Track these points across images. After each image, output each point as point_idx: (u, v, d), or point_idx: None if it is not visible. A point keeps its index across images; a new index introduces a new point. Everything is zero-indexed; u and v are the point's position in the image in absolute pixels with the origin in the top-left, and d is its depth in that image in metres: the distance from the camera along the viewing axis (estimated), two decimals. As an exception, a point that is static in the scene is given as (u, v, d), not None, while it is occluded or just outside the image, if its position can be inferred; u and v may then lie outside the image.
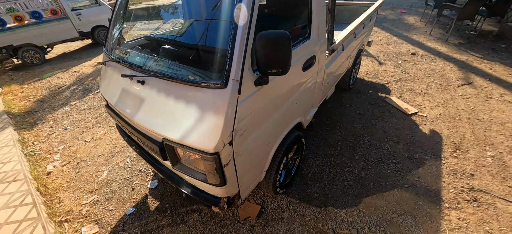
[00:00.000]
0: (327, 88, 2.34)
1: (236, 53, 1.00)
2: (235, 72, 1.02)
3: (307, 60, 1.59)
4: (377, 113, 2.99)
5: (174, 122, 1.15)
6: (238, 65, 1.01)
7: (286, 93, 1.45)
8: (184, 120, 1.11)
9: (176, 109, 1.15)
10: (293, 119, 1.70)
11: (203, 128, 1.06)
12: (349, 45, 2.52)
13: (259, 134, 1.31)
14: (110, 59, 1.58)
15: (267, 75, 1.06)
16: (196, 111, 1.09)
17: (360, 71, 4.11)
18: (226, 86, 1.02)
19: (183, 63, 1.27)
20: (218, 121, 1.03)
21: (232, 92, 1.03)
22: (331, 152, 2.46)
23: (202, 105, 1.08)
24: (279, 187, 1.88)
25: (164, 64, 1.29)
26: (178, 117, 1.14)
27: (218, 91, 1.04)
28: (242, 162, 1.25)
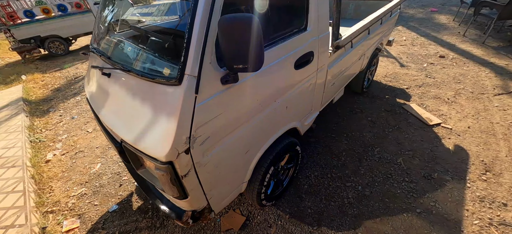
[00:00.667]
0: (331, 91, 2.07)
1: (193, 42, 0.82)
2: (191, 66, 0.84)
3: (302, 56, 1.36)
4: (392, 121, 2.64)
5: (131, 122, 1.01)
6: (196, 57, 0.83)
7: (270, 94, 1.24)
8: (140, 120, 0.96)
9: (134, 106, 1.01)
10: (283, 124, 1.49)
11: (157, 132, 0.91)
12: (361, 43, 2.22)
13: (232, 141, 1.12)
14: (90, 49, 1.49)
15: (233, 71, 0.87)
16: (151, 111, 0.94)
17: (377, 73, 3.72)
18: (180, 83, 0.85)
19: (142, 52, 1.12)
20: (171, 125, 0.86)
21: (187, 91, 0.85)
22: (334, 162, 2.20)
23: (156, 104, 0.93)
24: (266, 199, 1.69)
25: (126, 53, 1.16)
26: (135, 116, 1.00)
27: (172, 88, 0.87)
28: (209, 173, 1.08)
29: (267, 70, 1.14)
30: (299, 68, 1.38)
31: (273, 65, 1.17)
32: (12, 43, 6.38)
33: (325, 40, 1.54)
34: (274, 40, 1.18)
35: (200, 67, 0.84)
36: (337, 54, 1.86)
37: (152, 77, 0.93)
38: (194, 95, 0.86)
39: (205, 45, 0.84)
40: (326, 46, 1.58)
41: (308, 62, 1.45)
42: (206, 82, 0.89)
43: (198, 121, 0.90)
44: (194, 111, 0.88)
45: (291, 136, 1.73)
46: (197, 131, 0.92)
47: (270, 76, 1.18)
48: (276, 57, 1.18)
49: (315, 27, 1.40)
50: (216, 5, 0.83)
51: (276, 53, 1.18)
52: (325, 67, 1.68)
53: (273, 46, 1.15)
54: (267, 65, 1.13)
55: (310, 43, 1.41)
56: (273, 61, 1.17)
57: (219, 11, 0.85)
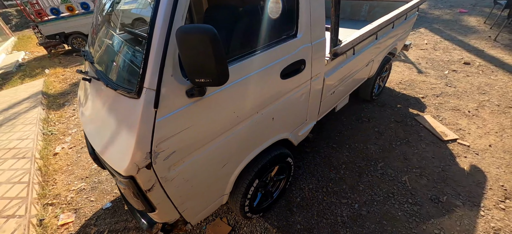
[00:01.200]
0: (331, 100, 1.94)
1: (152, 53, 0.78)
2: (150, 79, 0.79)
3: (290, 65, 1.27)
4: (402, 134, 2.44)
5: (101, 131, 0.99)
6: (155, 69, 0.78)
7: (251, 106, 1.17)
8: (108, 130, 0.94)
9: (104, 115, 0.99)
10: (269, 136, 1.41)
11: (119, 145, 0.88)
12: (368, 49, 2.05)
13: (205, 155, 1.07)
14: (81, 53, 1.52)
15: (197, 85, 0.81)
16: (116, 123, 0.91)
17: (391, 79, 3.47)
18: (139, 97, 0.81)
19: (112, 60, 1.10)
20: (130, 140, 0.83)
21: (146, 105, 0.81)
22: (331, 175, 2.07)
23: (120, 116, 0.90)
24: (251, 211, 1.62)
25: (102, 60, 1.14)
26: (104, 126, 0.98)
27: (132, 101, 0.83)
28: (179, 187, 1.03)
29: (244, 81, 1.07)
30: (287, 77, 1.29)
31: (253, 76, 1.09)
32: (39, 39, 6.87)
33: (320, 46, 1.43)
34: (254, 49, 1.10)
35: (159, 80, 0.80)
36: (337, 62, 1.73)
37: (115, 87, 0.90)
38: (154, 110, 0.82)
39: (165, 56, 0.78)
40: (321, 53, 1.47)
41: (298, 71, 1.35)
42: (169, 96, 0.84)
43: (159, 136, 0.86)
44: (154, 126, 0.83)
45: (283, 147, 1.65)
46: (159, 146, 0.87)
47: (249, 87, 1.10)
48: (257, 67, 1.10)
49: (307, 33, 1.30)
50: (177, 13, 0.77)
51: (257, 62, 1.10)
52: (321, 75, 1.57)
53: (251, 56, 1.07)
54: (245, 75, 1.06)
55: (301, 51, 1.31)
56: (253, 71, 1.09)
57: (182, 19, 0.79)
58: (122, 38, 1.07)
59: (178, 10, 0.78)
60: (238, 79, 1.03)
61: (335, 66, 1.74)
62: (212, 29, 0.68)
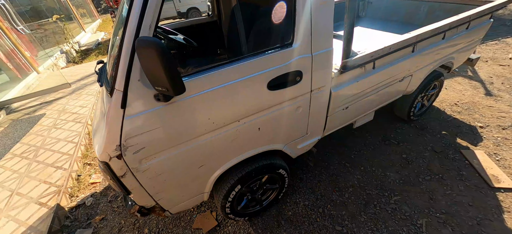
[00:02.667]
0: (343, 116, 1.75)
1: (122, 58, 0.85)
2: (119, 82, 0.88)
3: (280, 76, 1.19)
4: (436, 167, 2.02)
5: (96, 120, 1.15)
6: (122, 73, 0.86)
7: (230, 114, 1.15)
8: (97, 120, 1.09)
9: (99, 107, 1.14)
10: (255, 146, 1.37)
11: (99, 135, 1.01)
12: (400, 63, 1.74)
13: (178, 154, 1.12)
14: None
15: (158, 92, 0.86)
16: (101, 116, 1.04)
17: (442, 98, 2.87)
18: (111, 96, 0.91)
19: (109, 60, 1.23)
20: (105, 132, 0.94)
21: (115, 104, 0.90)
22: (333, 196, 1.90)
23: (104, 111, 1.02)
24: (233, 213, 1.64)
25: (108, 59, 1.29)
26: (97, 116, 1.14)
27: (109, 99, 0.94)
28: (151, 179, 1.12)
29: (221, 89, 1.06)
30: (276, 89, 1.22)
31: (232, 85, 1.08)
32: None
33: (324, 58, 1.28)
34: (235, 58, 1.08)
35: (126, 84, 0.87)
36: (350, 75, 1.53)
37: (101, 85, 1.02)
38: (121, 110, 0.90)
39: (131, 63, 0.85)
40: (326, 65, 1.32)
41: (293, 83, 1.25)
42: (136, 98, 0.91)
43: (127, 133, 0.95)
44: (122, 123, 0.92)
45: (277, 157, 1.59)
46: (128, 141, 0.96)
47: (227, 96, 1.09)
48: (237, 76, 1.08)
49: (305, 42, 1.19)
50: (144, 24, 0.82)
51: (237, 72, 1.07)
52: (326, 88, 1.42)
53: (230, 65, 1.05)
54: (221, 84, 1.05)
55: (297, 62, 1.21)
56: (232, 81, 1.07)
57: (149, 30, 0.83)
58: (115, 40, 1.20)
59: (145, 21, 0.82)
60: (212, 88, 1.04)
61: (348, 80, 1.54)
62: (158, 43, 0.70)
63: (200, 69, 1.00)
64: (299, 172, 2.13)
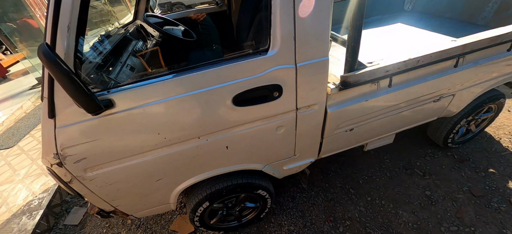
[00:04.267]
0: (349, 138, 1.43)
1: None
2: (45, 89, 0.77)
3: (250, 90, 0.96)
4: (469, 218, 1.57)
5: None
6: (46, 79, 0.76)
7: (186, 131, 0.99)
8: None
9: None
10: (223, 164, 1.19)
11: None
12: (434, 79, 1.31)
13: (130, 167, 1.01)
14: None
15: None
16: None
17: (501, 123, 2.22)
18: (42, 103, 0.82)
19: None
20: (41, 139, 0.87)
21: (45, 113, 0.81)
22: (325, 227, 1.63)
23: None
24: (203, 226, 1.52)
25: None
26: None
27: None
28: (102, 187, 1.05)
29: (166, 104, 0.89)
30: (245, 105, 1.00)
31: (180, 99, 0.90)
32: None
33: (314, 70, 1.00)
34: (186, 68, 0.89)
35: (50, 92, 0.77)
36: (356, 92, 1.19)
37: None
38: (51, 119, 0.81)
39: None
40: (318, 78, 1.03)
41: (268, 99, 1.01)
42: (64, 108, 0.81)
43: (62, 143, 0.86)
44: (55, 133, 0.84)
45: (259, 177, 1.40)
46: (65, 150, 0.88)
47: (177, 111, 0.92)
48: (187, 89, 0.89)
49: (286, 50, 0.92)
50: (61, 22, 0.68)
51: (187, 84, 0.89)
52: (318, 107, 1.14)
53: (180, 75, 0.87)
54: (165, 98, 0.88)
55: (273, 74, 0.95)
56: (179, 94, 0.89)
57: (68, 32, 0.69)
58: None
59: (61, 20, 0.68)
60: (154, 101, 0.88)
61: (353, 98, 1.21)
62: (43, 47, 0.56)
63: (134, 80, 0.85)
64: (292, 189, 1.90)
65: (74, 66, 0.76)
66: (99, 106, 0.73)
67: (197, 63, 0.89)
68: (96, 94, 0.81)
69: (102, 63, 1.14)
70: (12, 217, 1.91)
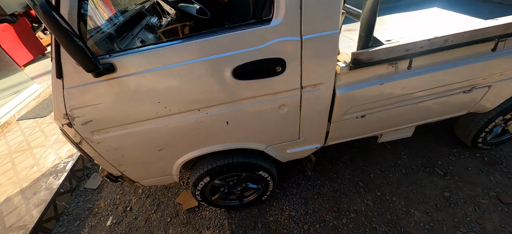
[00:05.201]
0: (360, 126, 1.34)
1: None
2: (53, 49, 0.81)
3: (251, 63, 0.92)
4: (492, 226, 1.41)
5: None
6: (54, 42, 0.79)
7: (185, 102, 0.98)
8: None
9: None
10: (223, 140, 1.18)
11: None
12: (464, 66, 1.15)
13: (133, 134, 1.05)
14: None
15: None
16: None
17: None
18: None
19: None
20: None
21: (53, 72, 0.85)
22: (327, 217, 1.58)
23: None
24: (205, 201, 1.55)
25: None
26: None
27: None
28: (109, 152, 1.10)
29: (166, 72, 0.89)
30: (246, 78, 0.96)
31: (179, 67, 0.89)
32: None
33: (321, 44, 0.92)
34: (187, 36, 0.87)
35: (57, 52, 0.80)
36: (372, 73, 1.09)
37: None
38: (59, 80, 0.85)
39: None
40: (325, 54, 0.96)
41: (270, 74, 0.97)
42: (70, 69, 0.84)
43: (70, 104, 0.91)
44: (63, 94, 0.88)
45: (261, 158, 1.39)
46: (73, 111, 0.93)
47: (176, 79, 0.91)
48: (186, 57, 0.88)
49: (291, 19, 0.86)
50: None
51: (186, 52, 0.87)
52: (326, 87, 1.07)
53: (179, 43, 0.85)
54: (165, 65, 0.88)
55: (276, 46, 0.90)
56: (179, 62, 0.88)
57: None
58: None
59: None
60: (154, 68, 0.88)
61: (366, 80, 1.11)
62: (42, 2, 0.57)
63: (137, 46, 0.85)
64: (298, 176, 1.86)
65: (78, 27, 0.78)
66: (96, 66, 0.75)
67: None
68: (99, 57, 0.84)
69: (112, 33, 1.17)
70: (41, 176, 2.13)
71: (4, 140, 2.79)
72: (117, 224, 1.78)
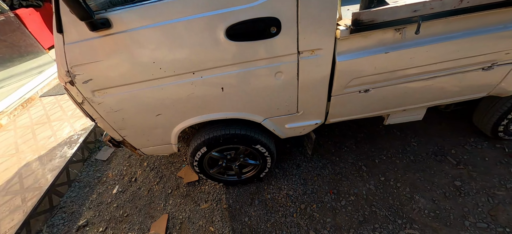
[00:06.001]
0: (364, 102, 1.27)
1: None
2: (54, 4, 0.84)
3: (244, 22, 0.89)
4: (503, 217, 1.30)
5: None
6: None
7: (179, 63, 0.98)
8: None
9: None
10: (219, 108, 1.18)
11: None
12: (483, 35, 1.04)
13: (131, 96, 1.07)
14: None
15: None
16: None
17: None
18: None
19: None
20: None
21: (55, 26, 0.88)
22: (326, 198, 1.55)
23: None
24: (204, 175, 1.57)
25: None
26: None
27: None
28: (110, 114, 1.14)
29: (158, 29, 0.89)
30: (239, 40, 0.94)
31: (171, 24, 0.88)
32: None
33: (318, 2, 0.88)
34: None
35: (56, 8, 0.82)
36: (375, 39, 1.02)
37: None
38: (60, 34, 0.88)
39: None
40: (322, 14, 0.91)
41: (265, 35, 0.93)
42: (70, 23, 0.87)
43: (71, 60, 0.94)
44: (64, 49, 0.92)
45: (258, 131, 1.37)
46: (73, 68, 0.96)
47: (169, 38, 0.91)
48: (179, 14, 0.87)
49: None
50: None
51: (179, 8, 0.86)
52: (324, 53, 1.02)
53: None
54: (158, 22, 0.88)
55: (270, 4, 0.87)
56: (171, 19, 0.88)
57: None
58: None
59: None
60: (146, 25, 0.88)
61: (369, 47, 1.03)
62: None
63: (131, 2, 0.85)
64: (299, 157, 1.82)
65: None
66: (89, 15, 0.76)
67: None
68: (95, 12, 0.85)
69: None
70: (57, 145, 2.27)
71: (27, 113, 3.00)
72: (122, 192, 1.86)
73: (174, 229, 1.54)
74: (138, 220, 1.64)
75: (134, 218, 1.66)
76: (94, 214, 1.74)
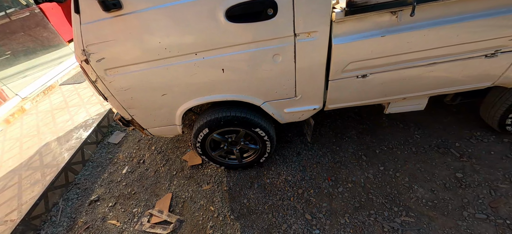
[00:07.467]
0: (363, 88, 1.28)
1: None
2: None
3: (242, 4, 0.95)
4: (505, 209, 1.27)
5: None
6: None
7: (182, 43, 1.05)
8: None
9: None
10: (219, 90, 1.24)
11: None
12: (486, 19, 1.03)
13: (138, 75, 1.15)
14: None
15: None
16: None
17: None
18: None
19: None
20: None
21: (72, 7, 0.98)
22: (323, 184, 1.58)
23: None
24: (207, 157, 1.64)
25: None
26: None
27: None
28: (120, 92, 1.23)
29: (163, 11, 0.96)
30: (238, 21, 1.00)
31: (174, 6, 0.95)
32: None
33: None
34: None
35: None
36: (371, 22, 1.04)
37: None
38: (77, 14, 0.98)
39: None
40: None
41: (262, 17, 0.99)
42: (87, 4, 0.95)
43: (86, 39, 1.04)
44: (81, 29, 1.01)
45: (258, 115, 1.43)
46: (88, 47, 1.06)
47: (173, 19, 0.98)
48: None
49: None
50: None
51: None
52: (320, 36, 1.05)
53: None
54: (162, 4, 0.95)
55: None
56: (174, 1, 0.95)
57: None
58: None
59: None
60: (152, 7, 0.96)
61: (365, 29, 1.05)
62: None
63: None
64: (300, 146, 1.86)
65: None
66: None
67: None
68: (106, -6, 0.94)
69: None
70: (74, 128, 2.44)
71: (48, 100, 3.22)
72: (131, 172, 1.98)
73: (177, 207, 1.63)
74: (144, 197, 1.75)
75: (141, 196, 1.76)
76: (105, 191, 1.87)
